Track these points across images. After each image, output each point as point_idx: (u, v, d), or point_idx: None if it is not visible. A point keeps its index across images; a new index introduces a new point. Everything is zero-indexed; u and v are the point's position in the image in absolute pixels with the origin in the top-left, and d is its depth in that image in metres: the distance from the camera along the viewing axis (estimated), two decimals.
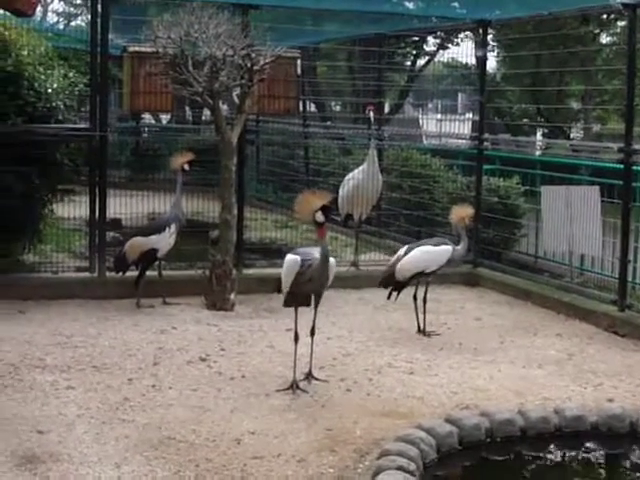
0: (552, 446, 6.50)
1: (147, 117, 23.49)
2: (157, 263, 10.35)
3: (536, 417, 6.55)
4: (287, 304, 7.74)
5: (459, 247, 9.38)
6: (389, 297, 9.47)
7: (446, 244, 9.38)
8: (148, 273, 10.31)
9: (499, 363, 8.39)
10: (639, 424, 6.59)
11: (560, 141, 21.84)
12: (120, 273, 10.36)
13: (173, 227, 10.14)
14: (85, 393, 7.16)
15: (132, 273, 10.31)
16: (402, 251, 9.45)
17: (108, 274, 10.59)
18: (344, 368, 8.06)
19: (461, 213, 9.50)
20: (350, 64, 22.44)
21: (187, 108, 22.31)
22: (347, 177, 12.72)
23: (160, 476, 5.63)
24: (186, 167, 10.40)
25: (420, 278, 9.39)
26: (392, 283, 9.41)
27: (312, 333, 7.60)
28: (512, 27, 18.83)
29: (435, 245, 9.38)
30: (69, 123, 10.75)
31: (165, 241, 10.13)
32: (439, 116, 17.88)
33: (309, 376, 7.63)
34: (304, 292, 7.49)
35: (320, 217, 7.02)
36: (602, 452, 6.57)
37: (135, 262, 10.25)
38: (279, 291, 7.76)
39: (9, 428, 6.33)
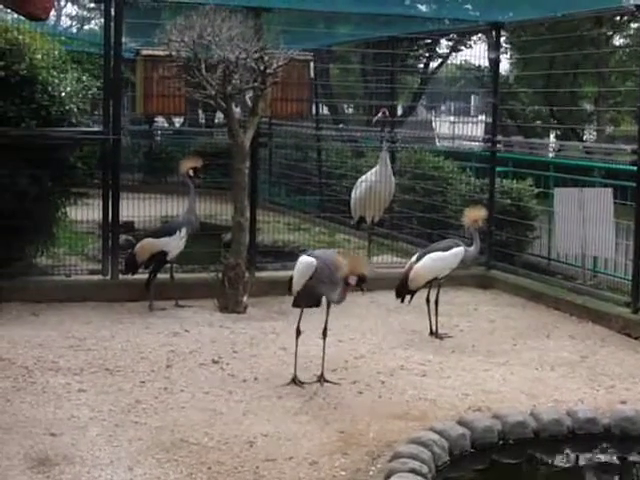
0: (565, 448, 6.50)
1: (160, 120, 23.52)
2: (169, 266, 10.38)
3: (548, 419, 6.54)
4: (296, 304, 7.83)
5: (471, 249, 9.37)
6: (402, 300, 9.46)
7: (458, 245, 9.37)
8: (160, 276, 10.33)
9: (512, 365, 8.38)
10: None
11: (573, 143, 21.79)
12: (130, 274, 10.42)
13: (184, 231, 10.16)
14: (98, 396, 7.18)
15: (145, 276, 10.34)
16: (414, 258, 9.42)
17: (121, 277, 10.62)
18: (356, 370, 8.06)
19: (474, 215, 9.49)
20: (363, 67, 22.43)
21: (200, 111, 22.35)
22: (360, 179, 12.74)
23: (172, 478, 5.65)
24: (191, 173, 10.37)
25: (433, 282, 9.38)
26: (406, 292, 9.39)
27: (324, 335, 7.64)
28: (525, 29, 18.83)
29: (446, 249, 9.35)
30: (82, 126, 10.79)
31: (175, 244, 10.15)
32: (452, 118, 17.88)
33: (321, 378, 7.65)
34: (315, 294, 7.55)
35: (352, 280, 7.22)
36: (615, 455, 6.55)
37: (145, 263, 10.29)
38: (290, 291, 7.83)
39: (22, 430, 6.35)
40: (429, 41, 24.43)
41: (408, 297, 9.40)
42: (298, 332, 7.69)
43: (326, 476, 5.74)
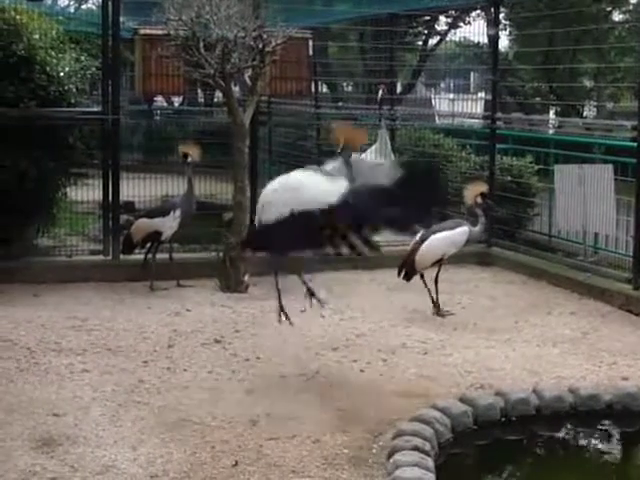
0: (567, 425, 6.51)
1: (159, 100, 23.46)
2: (168, 246, 10.39)
3: (551, 396, 6.54)
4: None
5: (476, 228, 9.34)
6: (408, 280, 9.38)
7: (462, 225, 9.34)
8: (160, 256, 10.34)
9: (513, 342, 8.39)
10: None
11: (573, 119, 21.75)
12: (127, 254, 10.52)
13: (178, 212, 10.15)
14: (100, 376, 7.19)
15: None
16: (417, 238, 9.27)
17: (122, 257, 10.63)
18: (358, 349, 8.07)
19: (475, 190, 9.46)
20: (362, 44, 22.38)
21: (199, 90, 22.29)
22: (359, 157, 12.70)
23: (176, 458, 5.66)
24: (189, 159, 10.35)
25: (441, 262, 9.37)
26: (413, 273, 9.35)
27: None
28: (524, 5, 18.77)
29: (451, 229, 9.32)
30: (81, 107, 10.78)
31: (169, 224, 10.15)
32: (451, 95, 17.85)
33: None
34: None
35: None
36: (617, 430, 6.56)
37: (140, 243, 10.33)
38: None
39: (26, 411, 6.37)
40: (428, 18, 24.39)
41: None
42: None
43: (329, 454, 5.75)
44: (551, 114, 24.75)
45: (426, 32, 27.37)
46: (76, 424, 6.17)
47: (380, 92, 12.95)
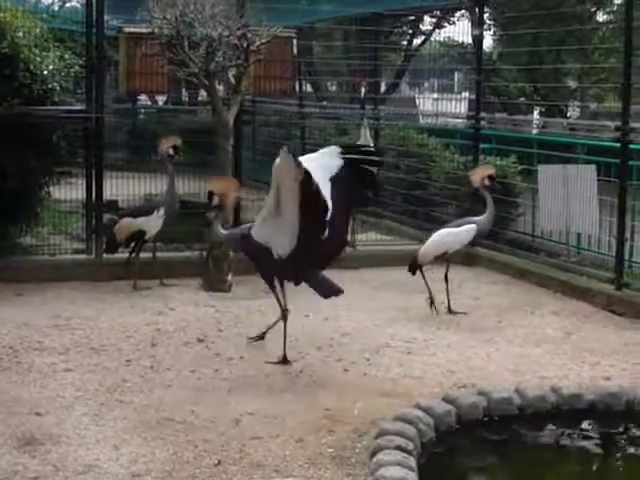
0: (549, 424, 6.52)
1: (143, 98, 23.42)
2: (152, 245, 10.37)
3: (533, 395, 6.55)
4: None
5: (483, 218, 9.32)
6: (413, 274, 9.48)
7: (470, 223, 9.35)
8: (143, 255, 10.33)
9: (497, 342, 8.41)
10: (636, 402, 6.60)
11: (557, 120, 21.80)
12: (110, 253, 10.49)
13: (162, 210, 10.15)
14: (83, 375, 7.17)
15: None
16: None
17: (105, 256, 10.61)
18: (342, 348, 8.08)
19: (483, 172, 9.39)
20: (346, 44, 22.37)
21: (183, 89, 22.26)
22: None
23: (158, 457, 5.65)
24: (170, 152, 10.33)
25: (445, 258, 9.43)
26: (415, 266, 9.44)
27: None
28: (508, 5, 18.79)
29: (459, 226, 9.36)
30: (65, 105, 10.74)
31: (153, 223, 10.15)
32: (436, 95, 17.85)
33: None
34: None
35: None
36: (599, 430, 6.58)
37: (124, 243, 10.31)
38: None
39: (8, 410, 6.35)
40: (412, 18, 24.39)
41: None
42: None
43: (312, 454, 5.75)
44: (535, 114, 24.80)
45: (411, 32, 27.37)
46: (58, 423, 6.15)
47: (362, 90, 12.93)
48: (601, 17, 26.42)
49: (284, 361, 7.56)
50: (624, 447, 6.46)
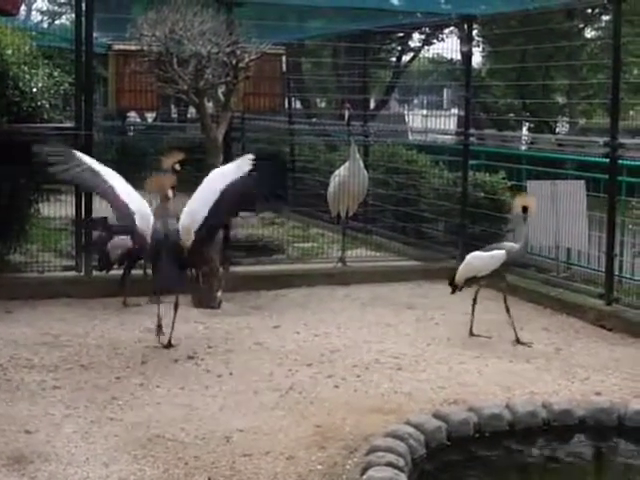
0: (540, 440, 6.52)
1: (133, 115, 23.43)
2: (142, 262, 10.34)
3: (524, 411, 6.56)
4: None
5: (517, 246, 9.22)
6: (453, 292, 9.57)
7: (500, 249, 9.26)
8: (134, 272, 10.30)
9: (487, 358, 8.41)
10: (626, 417, 6.61)
11: (546, 135, 21.84)
12: (104, 271, 10.40)
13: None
14: (73, 392, 7.15)
15: (118, 272, 10.30)
16: None
17: (95, 273, 10.58)
18: (332, 364, 8.06)
19: (523, 202, 9.25)
20: (335, 60, 22.41)
21: (172, 106, 22.27)
22: (333, 174, 12.72)
23: (149, 475, 5.63)
24: (177, 167, 10.31)
25: (476, 281, 9.40)
26: (455, 286, 9.51)
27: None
28: (497, 22, 18.84)
29: (491, 250, 9.30)
30: (54, 122, 10.72)
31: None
32: (425, 112, 17.87)
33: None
34: None
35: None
36: (590, 446, 6.58)
37: (118, 261, 10.27)
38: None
39: None
40: (401, 34, 24.44)
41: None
42: None
43: (303, 470, 5.74)
44: (524, 130, 24.85)
45: (399, 48, 27.41)
46: (48, 441, 6.13)
47: (346, 112, 12.96)
48: (589, 33, 26.51)
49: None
50: (615, 462, 6.47)
